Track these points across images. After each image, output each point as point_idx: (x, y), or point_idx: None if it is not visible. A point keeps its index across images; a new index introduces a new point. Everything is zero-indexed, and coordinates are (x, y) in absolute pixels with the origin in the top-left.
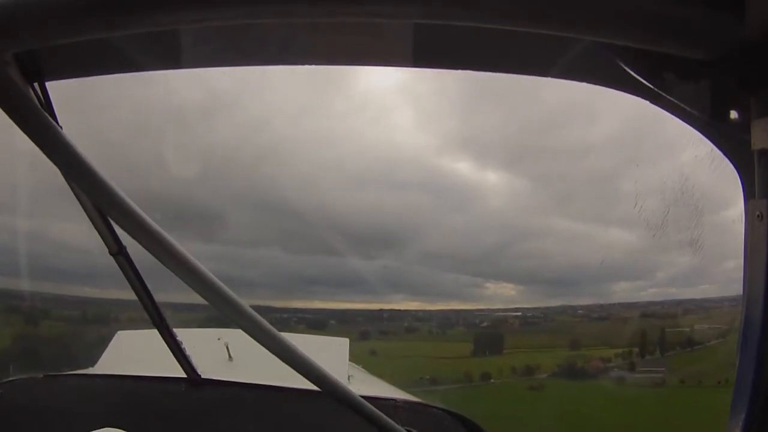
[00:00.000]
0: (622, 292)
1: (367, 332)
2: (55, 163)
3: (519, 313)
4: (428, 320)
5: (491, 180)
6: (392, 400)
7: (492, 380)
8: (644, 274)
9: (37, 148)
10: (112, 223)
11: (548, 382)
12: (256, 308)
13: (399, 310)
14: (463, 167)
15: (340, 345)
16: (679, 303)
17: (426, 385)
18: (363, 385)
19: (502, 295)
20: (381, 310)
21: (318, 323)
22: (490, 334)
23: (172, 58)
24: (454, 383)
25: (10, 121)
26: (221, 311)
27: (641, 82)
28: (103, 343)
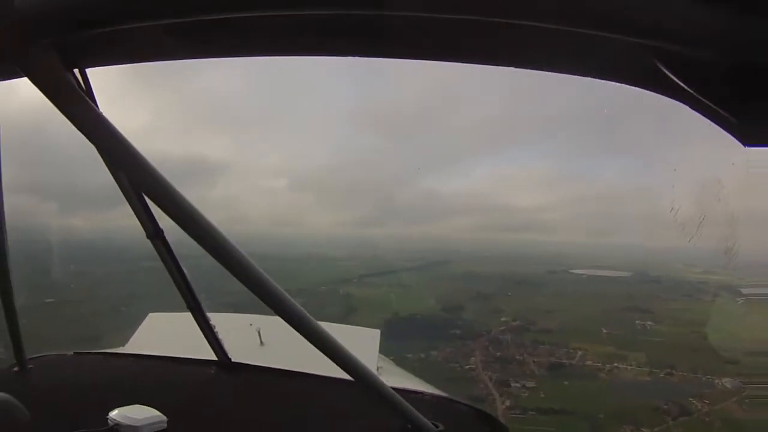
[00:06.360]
0: None
1: None
2: (96, 146)
3: None
4: None
5: None
6: (420, 393)
7: None
8: None
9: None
10: (150, 207)
11: None
12: None
13: None
14: None
15: (372, 336)
16: None
17: None
18: (392, 377)
19: None
20: None
21: None
22: None
23: (212, 47)
24: None
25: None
26: (258, 295)
27: (676, 83)
28: (134, 323)
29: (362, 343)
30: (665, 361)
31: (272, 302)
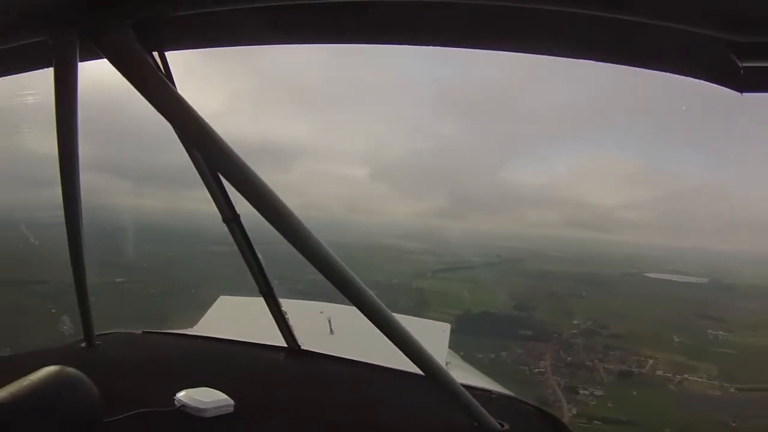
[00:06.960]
0: None
1: None
2: (174, 127)
3: None
4: None
5: None
6: (487, 391)
7: None
8: None
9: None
10: (228, 191)
11: None
12: None
13: None
14: None
15: (442, 330)
16: None
17: None
18: (460, 372)
19: None
20: None
21: None
22: None
23: (287, 33)
24: None
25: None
26: (333, 283)
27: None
28: (204, 306)
29: (432, 336)
30: (736, 374)
31: (347, 290)
